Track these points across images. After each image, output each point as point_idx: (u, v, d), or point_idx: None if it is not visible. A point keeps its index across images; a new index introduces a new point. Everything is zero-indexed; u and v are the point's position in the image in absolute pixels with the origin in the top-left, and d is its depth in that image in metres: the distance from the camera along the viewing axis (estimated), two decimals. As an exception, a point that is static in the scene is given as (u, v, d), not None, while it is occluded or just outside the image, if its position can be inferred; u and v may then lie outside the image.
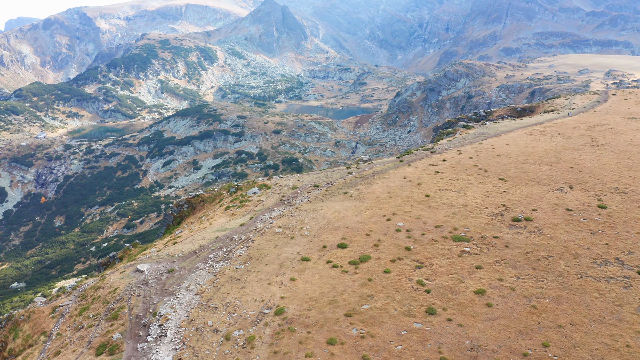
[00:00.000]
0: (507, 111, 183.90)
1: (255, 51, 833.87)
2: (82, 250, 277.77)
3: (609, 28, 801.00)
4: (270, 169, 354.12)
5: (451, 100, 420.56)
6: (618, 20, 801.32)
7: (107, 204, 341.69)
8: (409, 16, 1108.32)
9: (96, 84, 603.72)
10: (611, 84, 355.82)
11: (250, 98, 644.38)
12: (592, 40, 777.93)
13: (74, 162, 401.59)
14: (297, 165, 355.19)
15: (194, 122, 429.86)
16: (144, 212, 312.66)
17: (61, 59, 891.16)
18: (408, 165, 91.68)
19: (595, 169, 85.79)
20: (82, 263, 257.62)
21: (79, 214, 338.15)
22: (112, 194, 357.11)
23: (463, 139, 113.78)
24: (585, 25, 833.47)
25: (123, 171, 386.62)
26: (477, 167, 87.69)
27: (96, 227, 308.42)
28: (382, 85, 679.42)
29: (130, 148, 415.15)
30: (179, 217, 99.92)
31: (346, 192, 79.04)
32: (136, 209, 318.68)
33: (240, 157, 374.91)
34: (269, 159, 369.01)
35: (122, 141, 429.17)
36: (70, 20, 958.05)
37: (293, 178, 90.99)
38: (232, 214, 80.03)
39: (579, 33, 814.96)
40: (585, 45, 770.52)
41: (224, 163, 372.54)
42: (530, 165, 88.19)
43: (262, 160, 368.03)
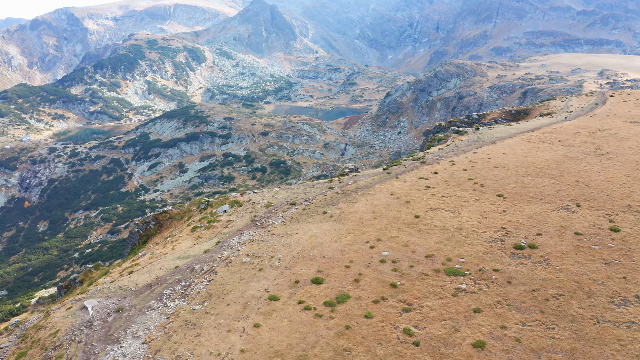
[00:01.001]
0: (501, 114, 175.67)
1: (244, 51, 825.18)
2: (65, 257, 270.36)
3: (600, 27, 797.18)
4: (257, 171, 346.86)
5: (442, 101, 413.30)
6: (609, 19, 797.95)
7: (92, 208, 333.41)
8: (399, 15, 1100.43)
9: (82, 85, 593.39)
10: (605, 84, 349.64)
11: (238, 99, 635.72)
12: (583, 39, 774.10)
13: (58, 165, 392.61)
14: (285, 168, 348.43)
15: (180, 124, 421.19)
16: (128, 216, 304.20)
17: (49, 60, 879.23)
18: (396, 178, 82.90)
19: (603, 183, 77.48)
20: (65, 270, 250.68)
21: (63, 219, 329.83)
22: (96, 198, 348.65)
23: (456, 146, 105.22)
24: (576, 24, 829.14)
25: (108, 174, 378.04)
26: (473, 181, 79.06)
27: (80, 232, 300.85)
28: (372, 86, 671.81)
29: (115, 151, 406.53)
30: (146, 235, 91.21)
31: (325, 212, 70.22)
32: (121, 213, 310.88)
33: (227, 160, 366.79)
34: (257, 161, 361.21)
35: (108, 144, 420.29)
36: (58, 20, 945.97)
37: (268, 194, 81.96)
38: (197, 237, 71.19)
39: (570, 32, 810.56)
40: (576, 45, 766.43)
41: (211, 166, 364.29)
42: (531, 179, 79.69)
43: (249, 162, 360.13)
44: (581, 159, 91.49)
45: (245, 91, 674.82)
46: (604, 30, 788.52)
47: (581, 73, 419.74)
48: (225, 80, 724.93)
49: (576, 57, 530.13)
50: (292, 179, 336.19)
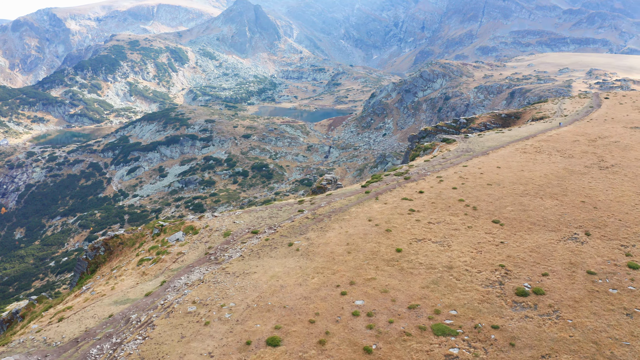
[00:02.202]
0: (490, 118, 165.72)
1: (227, 52, 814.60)
2: (41, 265, 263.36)
3: (586, 26, 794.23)
4: (239, 175, 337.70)
5: (427, 102, 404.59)
6: (595, 18, 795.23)
7: (70, 214, 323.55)
8: (384, 15, 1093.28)
9: (62, 87, 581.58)
10: (594, 84, 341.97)
11: (221, 100, 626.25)
12: (569, 39, 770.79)
13: (36, 170, 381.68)
14: (267, 172, 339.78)
15: (161, 127, 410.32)
16: (106, 223, 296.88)
17: (30, 61, 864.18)
18: (375, 199, 72.24)
19: (613, 204, 67.41)
20: (41, 280, 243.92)
21: (40, 225, 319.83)
22: (74, 204, 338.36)
23: (443, 158, 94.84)
24: (563, 23, 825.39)
25: (87, 179, 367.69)
26: (464, 203, 68.55)
27: (57, 239, 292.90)
28: (357, 86, 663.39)
29: (94, 154, 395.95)
30: (95, 263, 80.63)
31: (291, 244, 59.55)
32: (99, 219, 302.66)
33: (208, 164, 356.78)
34: (238, 165, 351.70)
35: (87, 147, 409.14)
36: (40, 21, 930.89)
37: (229, 218, 71.15)
38: (143, 273, 60.53)
39: (556, 31, 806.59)
40: (562, 44, 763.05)
41: (191, 170, 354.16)
42: (530, 200, 69.34)
43: (230, 166, 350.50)
44: (584, 173, 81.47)
45: (229, 92, 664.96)
46: (590, 29, 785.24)
47: (569, 73, 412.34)
48: (208, 81, 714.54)
49: (563, 57, 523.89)
50: (275, 182, 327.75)
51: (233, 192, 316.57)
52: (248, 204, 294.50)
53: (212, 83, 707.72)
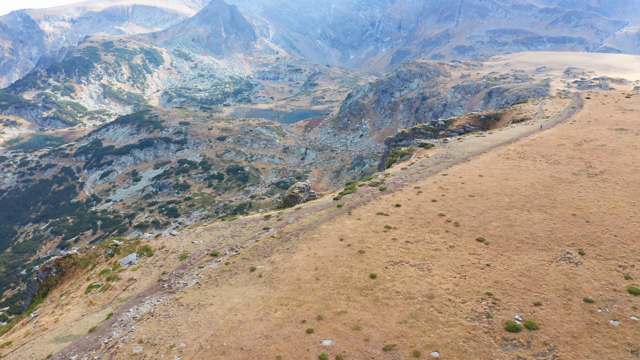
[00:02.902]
0: (469, 119, 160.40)
1: (202, 52, 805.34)
2: (12, 274, 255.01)
3: (563, 25, 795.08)
4: (214, 179, 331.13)
5: (405, 102, 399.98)
6: (571, 17, 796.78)
7: (42, 220, 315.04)
8: (360, 15, 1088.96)
9: (35, 90, 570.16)
10: (572, 83, 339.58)
11: (196, 102, 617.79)
12: (545, 37, 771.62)
13: (7, 175, 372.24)
14: (242, 175, 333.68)
15: (134, 130, 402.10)
16: (79, 229, 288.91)
17: (4, 63, 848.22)
18: (348, 214, 66.13)
19: (606, 217, 61.93)
20: (12, 289, 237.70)
21: (11, 232, 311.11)
22: (47, 210, 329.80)
23: (422, 165, 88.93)
24: (539, 22, 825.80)
25: (59, 184, 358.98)
26: (445, 219, 62.57)
27: (29, 246, 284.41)
28: (334, 86, 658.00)
29: (67, 159, 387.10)
30: (46, 285, 73.99)
31: (254, 268, 53.25)
32: (71, 226, 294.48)
33: (182, 167, 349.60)
34: (213, 168, 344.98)
35: (59, 151, 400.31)
36: (14, 23, 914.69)
37: (187, 237, 64.57)
38: (90, 302, 54.13)
39: (533, 30, 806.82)
40: (539, 43, 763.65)
41: (165, 173, 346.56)
42: (517, 213, 63.56)
43: (205, 169, 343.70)
44: (573, 181, 76.01)
45: (204, 93, 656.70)
46: (566, 28, 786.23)
47: (547, 72, 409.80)
48: (184, 83, 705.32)
49: (540, 56, 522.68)
50: (250, 186, 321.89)
51: (208, 196, 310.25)
52: (223, 207, 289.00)
53: (187, 84, 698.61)
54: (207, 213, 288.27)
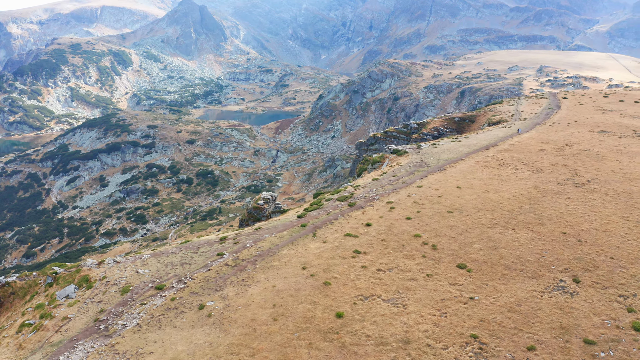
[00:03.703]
0: (443, 122, 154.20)
1: (172, 54, 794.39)
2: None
3: (534, 23, 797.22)
4: (183, 183, 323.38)
5: (376, 103, 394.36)
6: (542, 15, 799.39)
7: (7, 229, 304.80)
8: (332, 15, 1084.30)
9: (2, 93, 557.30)
10: (545, 82, 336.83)
11: (166, 104, 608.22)
12: (517, 36, 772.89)
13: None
14: (212, 179, 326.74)
15: (101, 134, 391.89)
16: (45, 237, 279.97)
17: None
18: (313, 235, 58.78)
19: (599, 235, 55.51)
20: None
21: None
22: (12, 218, 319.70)
23: (394, 175, 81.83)
24: (510, 21, 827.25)
25: (25, 191, 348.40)
26: (421, 240, 55.48)
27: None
28: (305, 87, 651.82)
29: (33, 164, 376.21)
30: (-20, 315, 65.97)
31: (203, 306, 45.75)
32: (37, 234, 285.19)
33: (151, 172, 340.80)
34: (182, 172, 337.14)
35: (25, 157, 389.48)
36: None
37: (132, 265, 56.67)
38: (20, 346, 46.56)
39: (504, 29, 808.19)
40: (510, 41, 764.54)
41: (133, 178, 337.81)
42: (501, 232, 56.72)
43: (174, 174, 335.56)
44: (559, 192, 69.56)
45: (174, 95, 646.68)
46: (537, 27, 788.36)
47: (519, 70, 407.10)
48: (153, 85, 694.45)
49: (512, 54, 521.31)
50: (221, 190, 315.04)
51: (177, 201, 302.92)
52: (193, 213, 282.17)
53: (156, 86, 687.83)
54: (176, 219, 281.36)
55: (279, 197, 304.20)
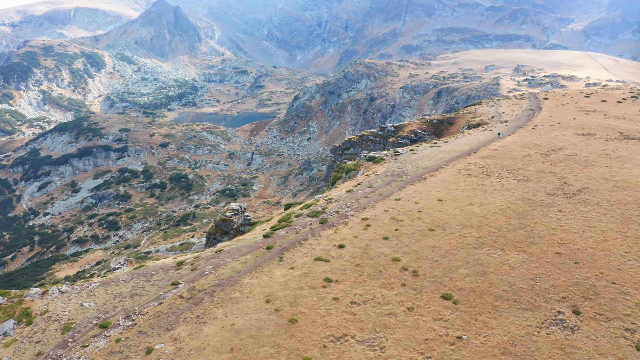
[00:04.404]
0: (421, 125, 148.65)
1: (146, 55, 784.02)
2: None
3: (509, 22, 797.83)
4: (156, 188, 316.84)
5: (352, 104, 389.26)
6: (518, 14, 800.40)
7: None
8: (307, 15, 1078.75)
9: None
10: (522, 81, 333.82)
11: (139, 106, 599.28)
12: (492, 35, 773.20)
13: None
14: (186, 183, 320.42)
15: (73, 138, 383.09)
16: (15, 245, 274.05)
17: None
18: (279, 260, 52.37)
19: (597, 255, 49.96)
20: None
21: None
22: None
23: (370, 186, 75.71)
24: (485, 20, 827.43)
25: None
26: (400, 265, 49.31)
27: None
28: (281, 88, 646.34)
29: (3, 170, 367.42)
30: None
31: (151, 350, 39.13)
32: (8, 242, 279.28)
33: (123, 176, 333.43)
34: (156, 176, 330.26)
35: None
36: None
37: (78, 297, 49.82)
38: None
39: (479, 28, 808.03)
40: (485, 40, 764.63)
41: (106, 184, 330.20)
42: (489, 254, 50.77)
43: (147, 178, 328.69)
44: (549, 204, 63.91)
45: (148, 98, 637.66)
46: (512, 26, 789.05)
47: (496, 70, 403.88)
48: (127, 87, 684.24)
49: (488, 54, 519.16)
50: (195, 194, 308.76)
51: (150, 207, 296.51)
52: (166, 219, 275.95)
53: (130, 89, 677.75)
54: (149, 225, 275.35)
55: (254, 200, 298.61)
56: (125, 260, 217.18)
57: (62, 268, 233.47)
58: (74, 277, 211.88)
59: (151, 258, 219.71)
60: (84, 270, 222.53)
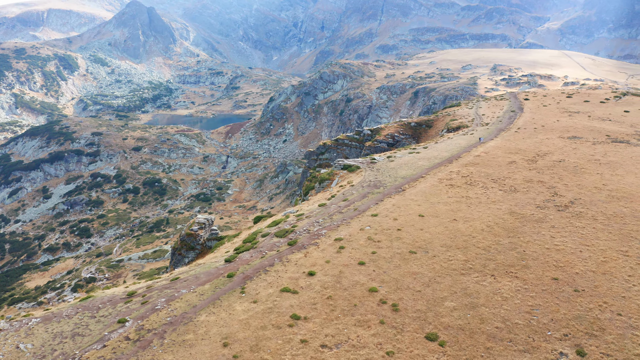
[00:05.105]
0: (398, 128, 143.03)
1: (120, 57, 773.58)
2: None
3: (485, 22, 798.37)
4: (129, 193, 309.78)
5: (329, 105, 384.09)
6: (493, 14, 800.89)
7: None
8: (283, 15, 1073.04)
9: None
10: (500, 80, 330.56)
11: (113, 109, 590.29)
12: (468, 35, 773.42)
13: None
14: (160, 188, 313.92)
15: (44, 143, 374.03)
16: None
17: None
18: (241, 291, 45.68)
19: (598, 279, 44.35)
20: None
21: None
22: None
23: (345, 199, 69.60)
24: (461, 19, 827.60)
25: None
26: (378, 297, 42.83)
27: None
28: (256, 89, 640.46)
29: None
30: None
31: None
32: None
33: (95, 181, 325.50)
34: (129, 181, 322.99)
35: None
36: None
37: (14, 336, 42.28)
38: None
39: (455, 28, 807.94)
40: (462, 40, 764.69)
41: (78, 189, 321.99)
42: (478, 281, 44.69)
43: (120, 183, 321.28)
44: (540, 219, 58.23)
45: (121, 100, 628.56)
46: (488, 25, 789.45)
47: (473, 69, 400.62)
48: (100, 89, 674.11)
49: (465, 53, 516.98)
50: (169, 199, 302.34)
51: (123, 213, 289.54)
52: (139, 225, 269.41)
53: (104, 91, 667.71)
54: (121, 231, 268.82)
55: (230, 205, 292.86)
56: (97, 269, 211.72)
57: (33, 278, 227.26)
58: (45, 287, 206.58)
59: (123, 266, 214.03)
60: (55, 280, 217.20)
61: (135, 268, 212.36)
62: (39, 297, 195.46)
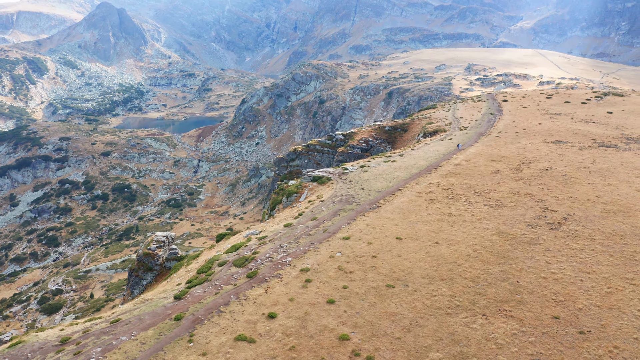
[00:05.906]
0: (372, 132, 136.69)
1: (90, 59, 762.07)
2: None
3: (458, 21, 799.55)
4: (98, 200, 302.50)
5: (302, 106, 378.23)
6: (467, 13, 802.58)
7: None
8: (255, 16, 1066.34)
9: None
10: (475, 80, 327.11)
11: (83, 113, 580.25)
12: (442, 34, 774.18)
13: None
14: (130, 194, 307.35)
15: (11, 149, 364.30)
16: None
17: None
18: (189, 340, 38.16)
19: (605, 317, 38.02)
20: None
21: None
22: None
23: (313, 218, 62.49)
24: (434, 19, 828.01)
25: None
26: (350, 348, 35.37)
27: None
28: (229, 91, 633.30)
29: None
30: None
31: None
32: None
33: (63, 188, 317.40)
34: (97, 187, 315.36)
35: None
36: None
37: None
38: None
39: (429, 27, 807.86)
40: (435, 40, 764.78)
41: (45, 196, 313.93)
42: (467, 323, 37.87)
43: (89, 189, 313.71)
44: (532, 240, 51.82)
45: (92, 103, 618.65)
46: (461, 25, 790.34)
47: (447, 69, 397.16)
48: (70, 93, 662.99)
49: (438, 53, 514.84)
50: (139, 205, 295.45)
51: (92, 220, 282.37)
52: (108, 233, 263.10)
53: (73, 94, 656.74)
54: (90, 240, 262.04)
55: (201, 210, 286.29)
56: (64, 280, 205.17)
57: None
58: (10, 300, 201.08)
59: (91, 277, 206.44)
60: (21, 292, 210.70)
61: (103, 279, 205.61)
62: (5, 311, 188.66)
